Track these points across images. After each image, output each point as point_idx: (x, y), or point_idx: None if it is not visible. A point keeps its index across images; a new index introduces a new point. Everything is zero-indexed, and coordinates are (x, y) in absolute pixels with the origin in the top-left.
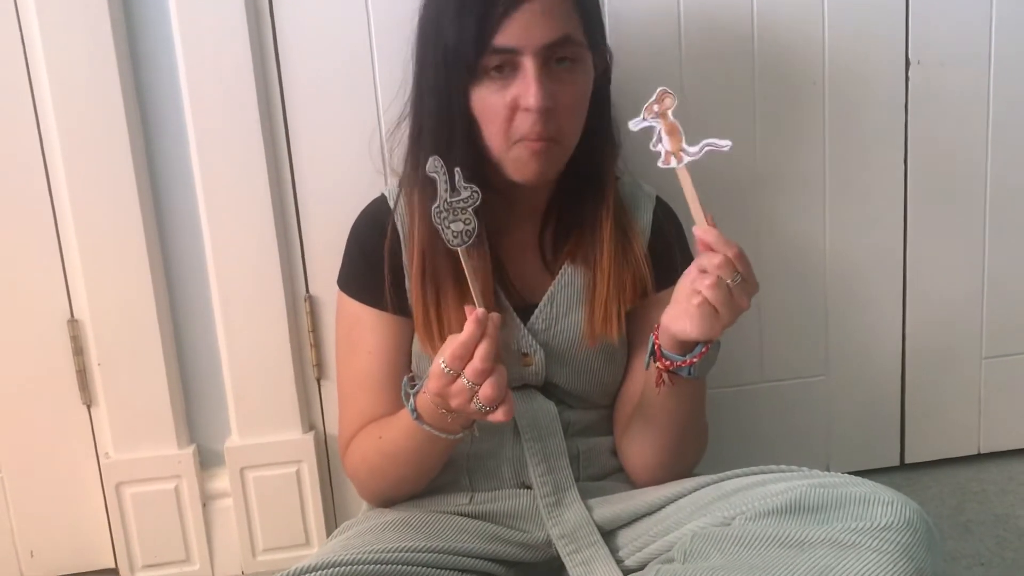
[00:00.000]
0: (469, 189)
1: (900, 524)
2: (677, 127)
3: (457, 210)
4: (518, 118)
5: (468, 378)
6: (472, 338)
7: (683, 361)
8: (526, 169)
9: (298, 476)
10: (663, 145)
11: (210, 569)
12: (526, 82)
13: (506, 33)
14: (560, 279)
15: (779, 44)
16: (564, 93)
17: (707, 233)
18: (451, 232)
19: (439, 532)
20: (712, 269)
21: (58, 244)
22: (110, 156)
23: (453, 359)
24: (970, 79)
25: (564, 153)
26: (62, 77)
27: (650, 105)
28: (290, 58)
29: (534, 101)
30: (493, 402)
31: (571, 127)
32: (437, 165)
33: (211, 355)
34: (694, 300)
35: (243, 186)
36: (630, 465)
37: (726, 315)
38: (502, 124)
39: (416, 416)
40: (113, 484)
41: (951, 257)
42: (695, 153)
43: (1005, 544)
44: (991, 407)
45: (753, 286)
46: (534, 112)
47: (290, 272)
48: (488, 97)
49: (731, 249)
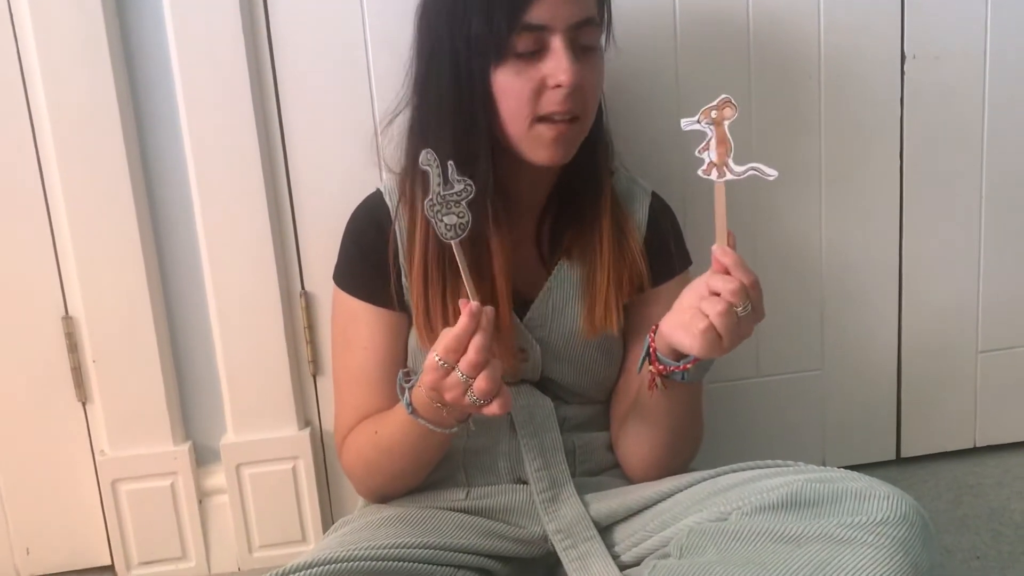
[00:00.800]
0: (463, 182)
1: (896, 519)
2: (729, 140)
3: (450, 203)
4: (545, 96)
5: (462, 371)
6: (466, 331)
7: (677, 367)
8: (547, 149)
9: (294, 472)
10: (710, 154)
11: (206, 566)
12: (557, 58)
13: (537, 11)
14: (556, 275)
15: (775, 38)
16: (588, 73)
17: (727, 255)
18: (444, 225)
19: (435, 528)
20: (725, 295)
21: (52, 241)
22: (104, 152)
23: (447, 352)
24: (966, 73)
25: (582, 134)
26: (55, 74)
27: (708, 110)
28: (285, 53)
29: (566, 77)
30: (487, 395)
31: (590, 107)
32: (430, 158)
33: (206, 352)
34: (700, 323)
35: (238, 182)
36: (626, 461)
37: (729, 341)
38: (526, 103)
39: (411, 410)
40: (109, 481)
41: (947, 251)
42: (739, 173)
43: (1001, 538)
44: (987, 401)
45: (761, 315)
46: (566, 88)
47: (285, 268)
48: (513, 77)
49: (748, 277)
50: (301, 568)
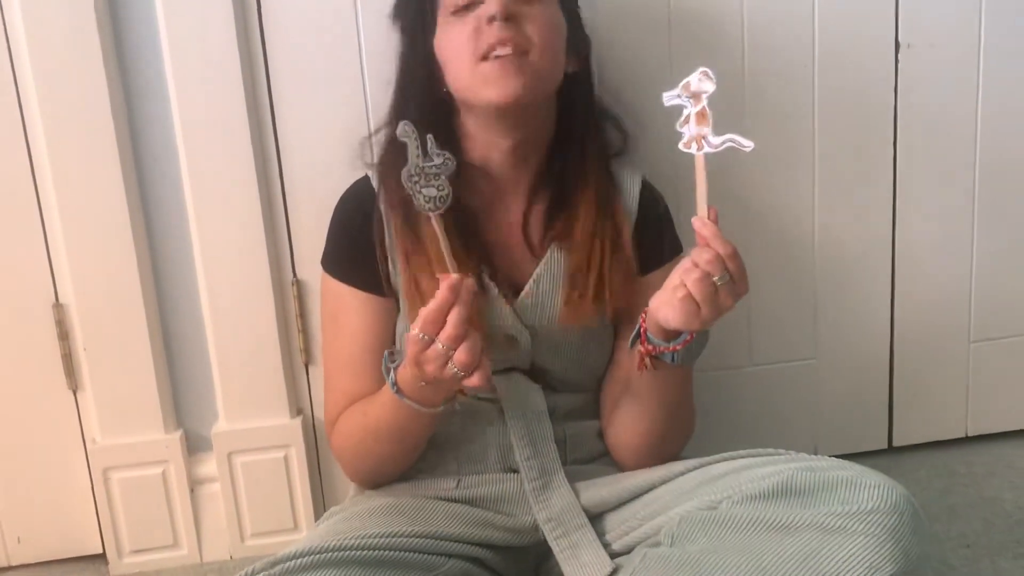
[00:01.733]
0: (442, 156)
1: (886, 507)
2: (707, 113)
3: (430, 175)
4: (483, 33)
5: (442, 343)
6: (445, 303)
7: (666, 347)
8: (494, 86)
9: (286, 461)
10: (689, 128)
11: (198, 554)
12: (488, 1)
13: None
14: (546, 261)
15: (769, 26)
16: (529, 11)
17: (705, 227)
18: (423, 197)
19: (426, 517)
20: (702, 264)
21: (42, 228)
22: (94, 139)
23: (426, 324)
24: (960, 62)
25: (536, 70)
26: (45, 60)
27: (687, 83)
28: (276, 42)
29: (495, 6)
30: (468, 367)
31: (541, 41)
32: (408, 129)
33: (198, 340)
34: (679, 292)
35: (229, 170)
36: (615, 447)
37: (708, 312)
38: (465, 46)
39: (396, 390)
40: (100, 469)
41: (940, 240)
42: (717, 146)
43: (991, 526)
44: (979, 390)
45: (742, 287)
46: (499, 17)
47: (277, 256)
48: (451, 32)
49: (725, 247)
50: (292, 557)
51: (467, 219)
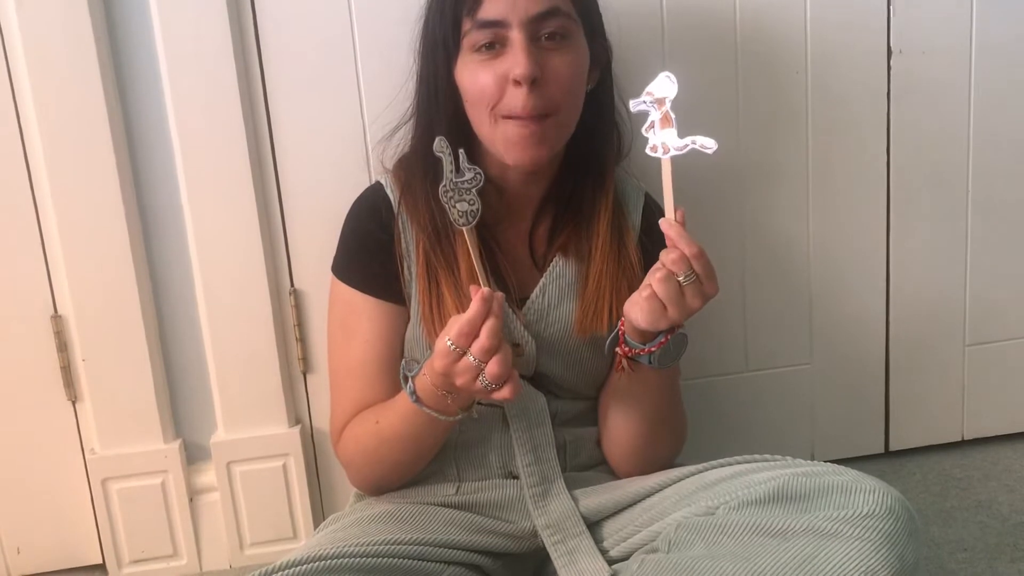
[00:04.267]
0: (473, 171)
1: (882, 512)
2: (671, 117)
3: (462, 190)
4: (508, 94)
5: (474, 355)
6: (479, 315)
7: (642, 349)
8: (516, 149)
9: (285, 470)
10: (655, 132)
11: (197, 564)
12: (514, 52)
13: (491, 5)
14: (551, 271)
15: (762, 33)
16: (554, 65)
17: (671, 228)
18: (457, 212)
19: (425, 524)
20: (667, 263)
21: (40, 239)
22: (92, 150)
23: (460, 336)
24: (952, 68)
25: (559, 130)
26: (42, 73)
27: (650, 89)
28: (272, 51)
29: (520, 70)
30: (499, 379)
31: (565, 101)
32: (443, 145)
33: (196, 350)
34: (644, 292)
35: (227, 180)
36: (608, 452)
37: (674, 311)
38: (489, 100)
39: (415, 399)
40: (99, 480)
41: (934, 245)
42: (679, 148)
43: (988, 530)
44: (974, 394)
45: (710, 287)
46: (523, 83)
47: (275, 266)
48: (476, 73)
49: (689, 247)
50: (291, 565)
51: (479, 229)
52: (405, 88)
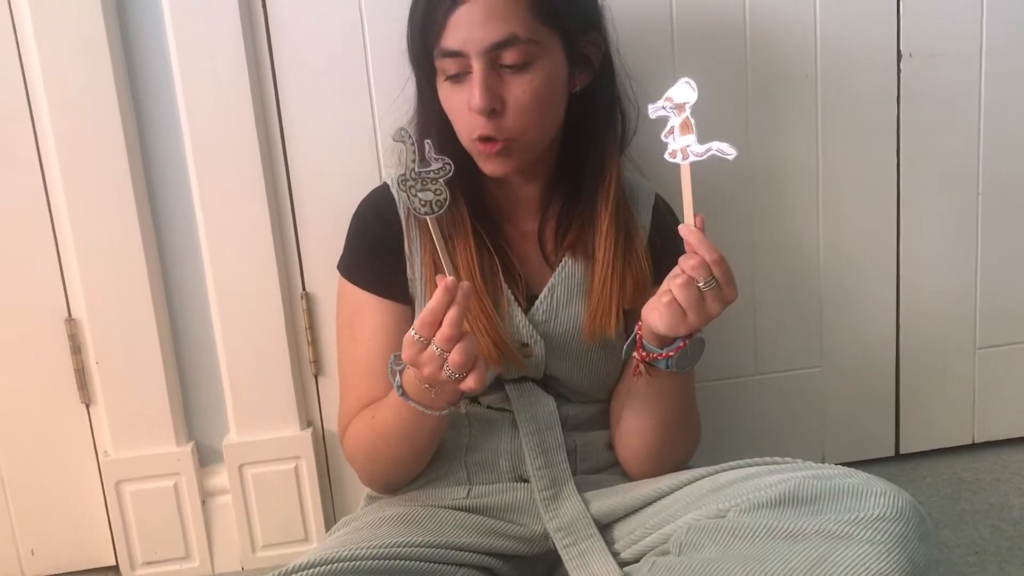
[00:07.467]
0: (440, 161)
1: (893, 515)
2: (691, 123)
3: (427, 180)
4: (471, 119)
5: (437, 345)
6: (441, 305)
7: (660, 354)
8: (487, 164)
9: (296, 472)
10: (674, 138)
11: (210, 565)
12: (471, 84)
13: (449, 35)
14: (560, 271)
15: (772, 37)
16: (515, 94)
17: (691, 234)
18: (419, 200)
19: (437, 527)
20: (687, 269)
21: (55, 243)
22: (105, 154)
23: (422, 326)
24: (962, 71)
25: (524, 151)
26: (57, 80)
27: (670, 95)
28: (284, 56)
29: (475, 103)
30: (462, 368)
31: (526, 126)
32: (404, 135)
33: (209, 353)
34: (664, 298)
35: (238, 184)
36: (621, 455)
37: (693, 317)
38: (461, 123)
39: (402, 393)
40: (112, 482)
41: (944, 248)
42: (700, 154)
43: (1000, 533)
44: (985, 397)
45: (730, 292)
46: (479, 114)
47: (286, 269)
48: (447, 96)
49: (710, 253)
50: (303, 568)
51: (487, 228)
52: (405, 88)
